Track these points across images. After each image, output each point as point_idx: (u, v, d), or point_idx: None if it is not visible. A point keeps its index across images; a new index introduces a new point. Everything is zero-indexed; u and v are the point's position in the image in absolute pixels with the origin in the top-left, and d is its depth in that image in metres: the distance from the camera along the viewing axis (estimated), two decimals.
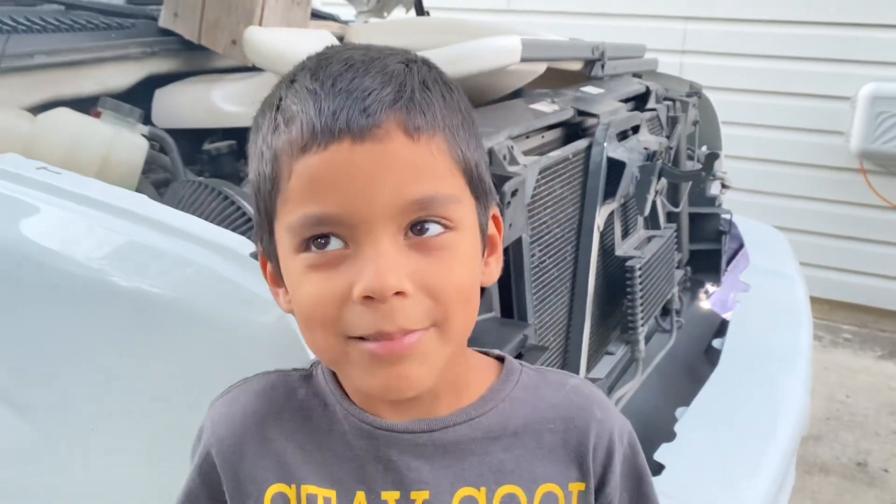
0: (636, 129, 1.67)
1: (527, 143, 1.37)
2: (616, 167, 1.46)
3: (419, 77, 0.59)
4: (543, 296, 1.32)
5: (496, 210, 0.66)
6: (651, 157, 1.55)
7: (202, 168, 1.72)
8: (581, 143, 1.46)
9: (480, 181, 0.62)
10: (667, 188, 1.77)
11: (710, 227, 2.07)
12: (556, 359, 1.39)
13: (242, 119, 1.72)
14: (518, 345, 1.09)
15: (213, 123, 1.73)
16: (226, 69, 1.88)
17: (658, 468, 1.14)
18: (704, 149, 2.20)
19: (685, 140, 2.00)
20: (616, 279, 1.54)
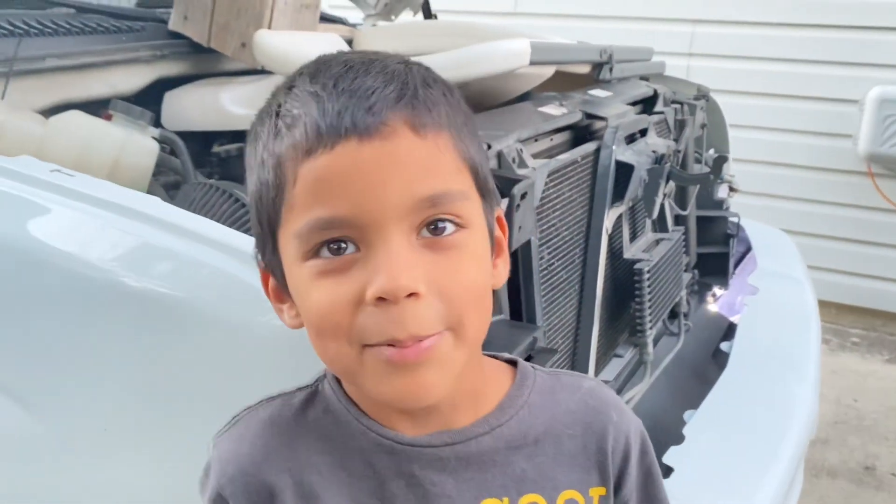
0: (644, 133, 1.67)
1: (535, 146, 1.38)
2: (624, 170, 1.46)
3: (420, 76, 0.58)
4: (552, 298, 1.32)
5: (500, 212, 0.65)
6: (659, 161, 1.55)
7: (211, 170, 1.73)
8: (589, 146, 1.46)
9: (486, 180, 0.61)
10: (675, 191, 1.77)
11: (718, 231, 2.07)
12: (565, 361, 1.39)
13: (251, 122, 1.73)
14: (528, 347, 1.10)
15: (222, 126, 1.74)
16: (235, 72, 1.89)
17: (667, 471, 1.14)
18: (712, 152, 2.20)
19: (693, 143, 2.00)
20: (624, 282, 1.54)
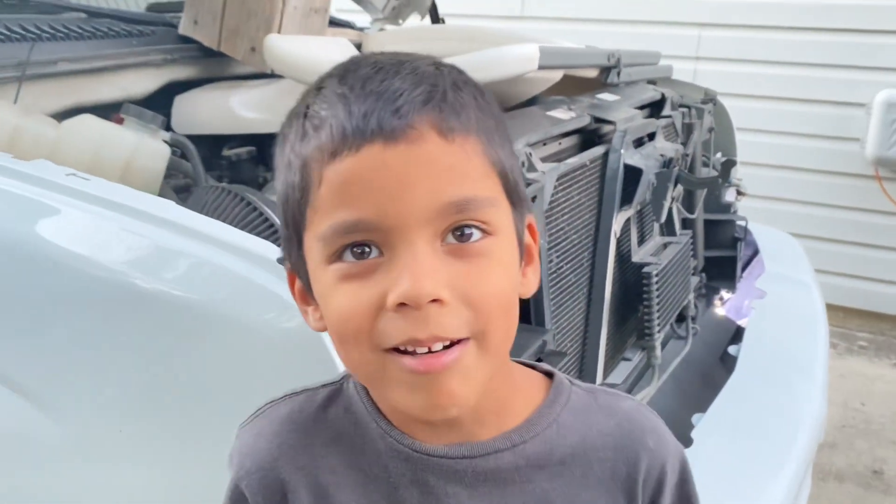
0: (652, 136, 1.67)
1: (544, 150, 1.39)
2: (633, 174, 1.47)
3: (450, 79, 0.57)
4: (561, 301, 1.32)
5: (532, 219, 0.63)
6: (667, 164, 1.55)
7: (221, 174, 1.74)
8: (598, 150, 1.47)
9: (516, 187, 0.59)
10: (682, 195, 1.78)
11: (726, 234, 2.07)
12: (573, 364, 1.39)
13: (260, 125, 1.74)
14: (537, 350, 1.10)
15: (232, 130, 1.75)
16: (244, 76, 1.90)
17: None
18: (720, 156, 2.20)
19: (700, 147, 2.00)
20: (632, 285, 1.55)
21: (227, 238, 0.95)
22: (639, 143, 1.59)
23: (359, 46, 2.11)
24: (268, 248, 0.92)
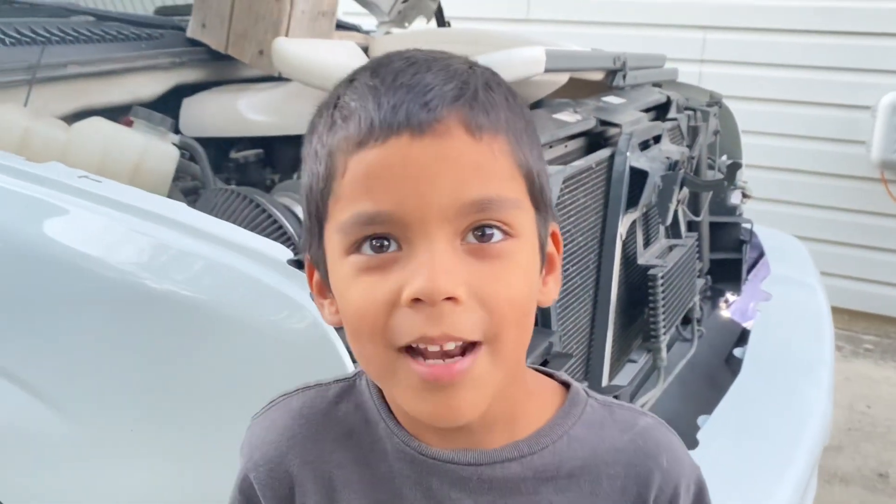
0: (658, 139, 1.68)
1: (550, 153, 1.39)
2: (638, 176, 1.48)
3: (483, 78, 0.57)
4: (567, 303, 1.33)
5: (556, 227, 0.62)
6: (673, 167, 1.56)
7: (229, 176, 1.75)
8: (604, 153, 1.48)
9: (542, 191, 0.58)
10: (688, 197, 1.78)
11: (731, 237, 2.08)
12: (579, 366, 1.40)
13: (268, 128, 1.75)
14: (543, 352, 1.11)
15: (240, 132, 1.76)
16: (252, 79, 1.91)
17: None
18: (725, 158, 2.21)
19: (706, 149, 2.01)
20: (638, 288, 1.55)
21: (237, 239, 0.96)
22: (644, 146, 1.60)
23: (365, 50, 2.12)
24: (277, 250, 0.93)
